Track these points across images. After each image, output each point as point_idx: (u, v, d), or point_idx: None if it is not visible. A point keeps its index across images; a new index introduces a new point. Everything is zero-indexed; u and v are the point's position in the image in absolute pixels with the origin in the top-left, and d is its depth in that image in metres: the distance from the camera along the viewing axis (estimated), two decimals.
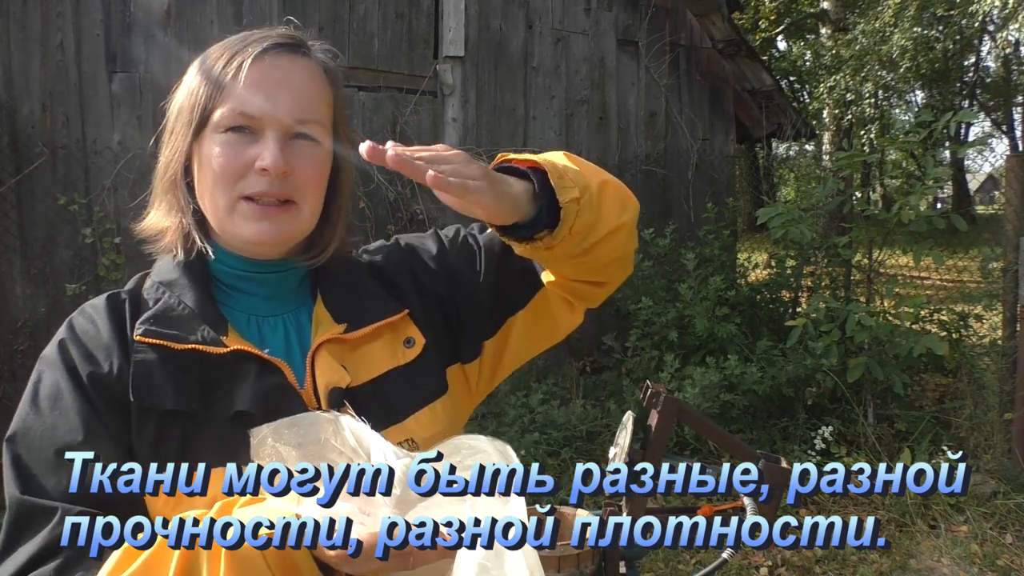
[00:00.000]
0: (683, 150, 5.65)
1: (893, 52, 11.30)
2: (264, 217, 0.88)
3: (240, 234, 0.89)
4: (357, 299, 0.98)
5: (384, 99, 4.78)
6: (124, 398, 0.84)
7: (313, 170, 0.90)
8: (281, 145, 0.86)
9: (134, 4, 4.22)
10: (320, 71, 0.92)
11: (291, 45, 0.90)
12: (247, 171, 0.86)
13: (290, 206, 0.89)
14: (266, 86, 0.86)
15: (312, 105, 0.89)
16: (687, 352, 4.63)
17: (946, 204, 19.87)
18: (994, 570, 3.33)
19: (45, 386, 0.85)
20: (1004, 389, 4.22)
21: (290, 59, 0.89)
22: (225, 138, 0.86)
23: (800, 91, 20.59)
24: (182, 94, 0.90)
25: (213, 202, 0.89)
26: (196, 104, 0.87)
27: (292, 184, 0.88)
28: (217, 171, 0.87)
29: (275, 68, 0.87)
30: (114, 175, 4.18)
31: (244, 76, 0.85)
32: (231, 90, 0.86)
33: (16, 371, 4.00)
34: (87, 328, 0.88)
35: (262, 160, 0.85)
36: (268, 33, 0.90)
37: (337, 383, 0.90)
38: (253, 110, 0.86)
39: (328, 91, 0.92)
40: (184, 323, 0.87)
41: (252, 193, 0.86)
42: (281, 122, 0.86)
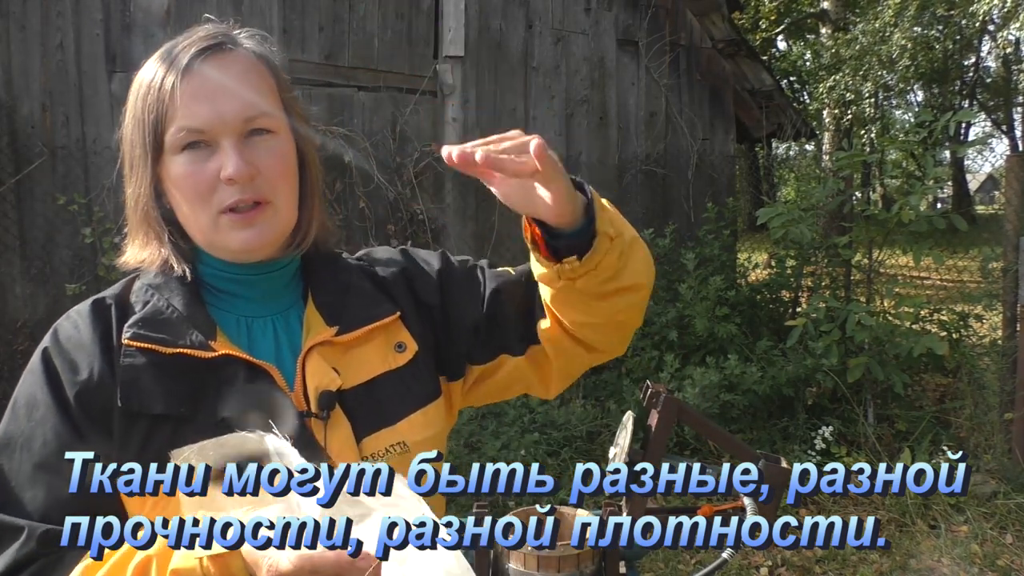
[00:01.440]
0: (683, 150, 5.65)
1: (893, 52, 11.30)
2: (247, 224, 0.87)
3: (227, 246, 0.89)
4: (348, 301, 0.97)
5: (384, 99, 4.78)
6: (107, 404, 0.83)
7: (278, 163, 0.89)
8: (239, 150, 0.85)
9: (134, 4, 4.22)
10: (253, 60, 0.90)
11: (216, 45, 0.88)
12: (216, 183, 0.86)
13: (266, 206, 0.88)
14: (205, 95, 0.85)
15: (256, 98, 0.88)
16: (687, 352, 4.63)
17: (946, 204, 19.87)
18: (994, 570, 3.33)
19: (24, 397, 0.86)
20: (1004, 389, 4.22)
21: (219, 60, 0.87)
22: (184, 158, 0.86)
23: (800, 91, 20.58)
24: (129, 125, 0.90)
25: (195, 222, 0.89)
26: (145, 131, 0.87)
27: (262, 183, 0.87)
28: (188, 192, 0.87)
29: (208, 74, 0.86)
30: (114, 175, 4.17)
31: (180, 92, 0.85)
32: (173, 109, 0.85)
33: (16, 371, 3.99)
34: (71, 334, 0.88)
35: (225, 170, 0.85)
36: (191, 39, 0.89)
37: (327, 386, 0.89)
38: (199, 123, 0.85)
39: (267, 78, 0.91)
40: (173, 327, 0.87)
41: (228, 205, 0.86)
42: (231, 126, 0.86)
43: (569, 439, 4.25)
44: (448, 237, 4.95)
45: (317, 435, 0.87)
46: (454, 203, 4.97)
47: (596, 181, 5.34)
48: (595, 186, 0.94)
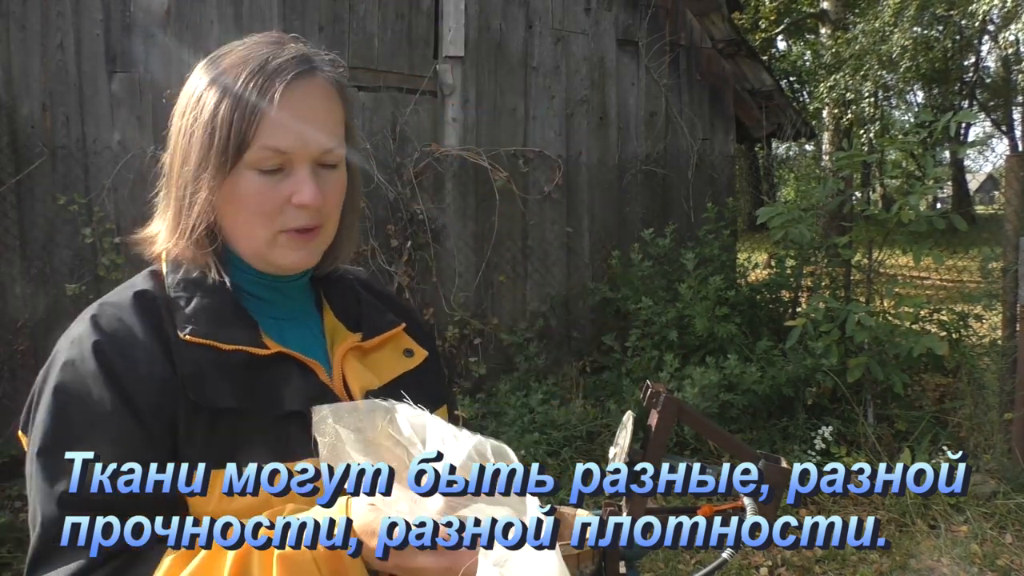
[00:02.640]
0: (683, 150, 5.65)
1: (893, 52, 11.30)
2: (302, 246, 0.91)
3: (279, 263, 0.92)
4: (363, 310, 1.04)
5: (384, 99, 4.78)
6: (170, 399, 0.83)
7: (338, 195, 0.94)
8: (316, 180, 0.88)
9: (134, 4, 4.22)
10: (334, 90, 0.92)
11: (308, 70, 0.89)
12: (283, 205, 0.88)
13: (319, 230, 0.92)
14: (296, 120, 0.86)
15: (334, 131, 0.90)
16: (687, 352, 4.63)
17: (946, 204, 19.88)
18: (994, 570, 3.33)
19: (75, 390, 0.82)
20: (1004, 389, 4.22)
21: (309, 84, 0.88)
22: (259, 175, 0.87)
23: (800, 91, 20.58)
24: (206, 124, 0.87)
25: (251, 235, 0.90)
26: (228, 140, 0.85)
27: (324, 212, 0.91)
28: (254, 208, 0.88)
29: (301, 99, 0.87)
30: (114, 175, 4.17)
31: (276, 112, 0.85)
32: (264, 126, 0.85)
33: (16, 371, 3.99)
34: (117, 327, 0.85)
35: (300, 196, 0.87)
36: (281, 56, 0.88)
37: (369, 385, 0.96)
38: (285, 146, 0.86)
39: (340, 109, 0.93)
40: (225, 323, 0.89)
41: (292, 228, 0.89)
42: (311, 154, 0.88)
43: (569, 439, 4.25)
44: (448, 237, 4.95)
45: None
46: (454, 203, 4.97)
47: (596, 181, 5.35)
48: (595, 186, 0.95)
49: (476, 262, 5.03)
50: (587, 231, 5.36)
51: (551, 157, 5.21)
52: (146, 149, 4.22)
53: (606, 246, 5.36)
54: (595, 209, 5.38)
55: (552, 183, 5.20)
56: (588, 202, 5.36)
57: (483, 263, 5.04)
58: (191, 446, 0.83)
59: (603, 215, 5.40)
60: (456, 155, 4.96)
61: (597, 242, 5.38)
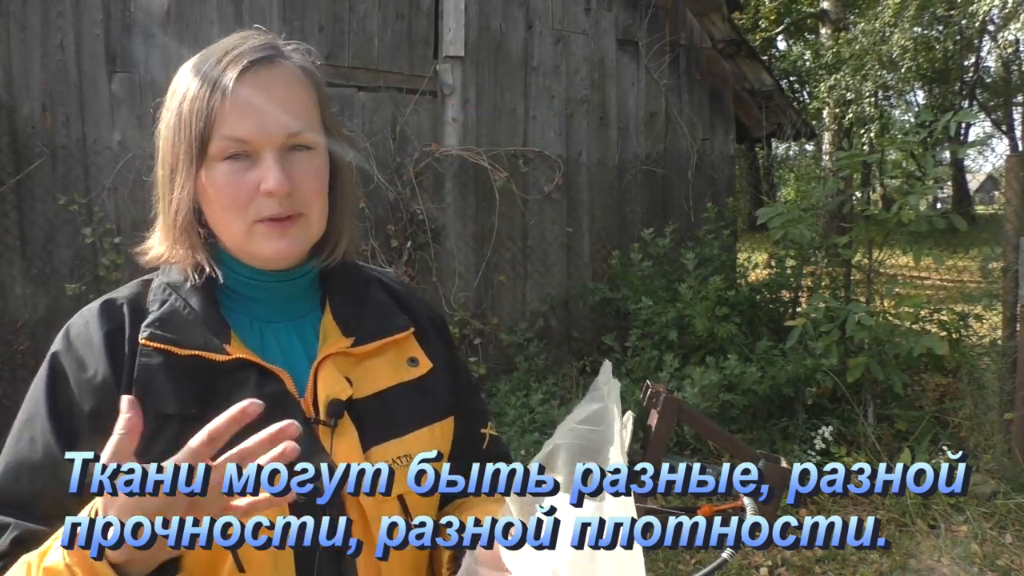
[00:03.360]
0: (683, 150, 5.65)
1: (893, 52, 11.31)
2: (281, 235, 0.89)
3: (260, 254, 0.90)
4: (365, 312, 0.99)
5: (384, 99, 4.78)
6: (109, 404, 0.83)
7: (315, 180, 0.90)
8: (280, 163, 0.86)
9: (134, 4, 4.22)
10: (300, 74, 0.91)
11: (265, 58, 0.88)
12: (254, 195, 0.87)
13: (298, 218, 0.90)
14: (252, 107, 0.86)
15: (300, 114, 0.89)
16: (687, 352, 4.63)
17: (946, 204, 19.88)
18: (994, 570, 3.33)
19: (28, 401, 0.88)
20: (1004, 389, 4.22)
21: (268, 72, 0.88)
22: (225, 167, 0.87)
23: (800, 91, 20.58)
24: (171, 127, 0.89)
25: (228, 229, 0.90)
26: (192, 137, 0.87)
27: (298, 198, 0.89)
28: (226, 200, 0.87)
29: (257, 86, 0.86)
30: (114, 175, 4.18)
31: (229, 103, 0.85)
32: (221, 118, 0.85)
33: (16, 371, 3.99)
34: (81, 331, 0.89)
35: (266, 183, 0.85)
36: (241, 47, 0.88)
37: (338, 395, 0.90)
38: (244, 134, 0.85)
39: (311, 93, 0.92)
40: (188, 328, 0.88)
41: (264, 216, 0.87)
42: (273, 140, 0.86)
43: None
44: (448, 237, 4.95)
45: (324, 442, 0.88)
46: (454, 203, 4.97)
47: (596, 181, 5.35)
48: (595, 186, 0.95)
49: (476, 262, 5.03)
50: (587, 231, 5.36)
51: (551, 157, 5.21)
52: (146, 149, 4.21)
53: (606, 246, 5.36)
54: (595, 209, 5.38)
55: (552, 183, 5.20)
56: (588, 202, 5.36)
57: (483, 263, 5.04)
58: None
59: (603, 215, 5.40)
60: (456, 155, 4.96)
61: (597, 242, 5.38)
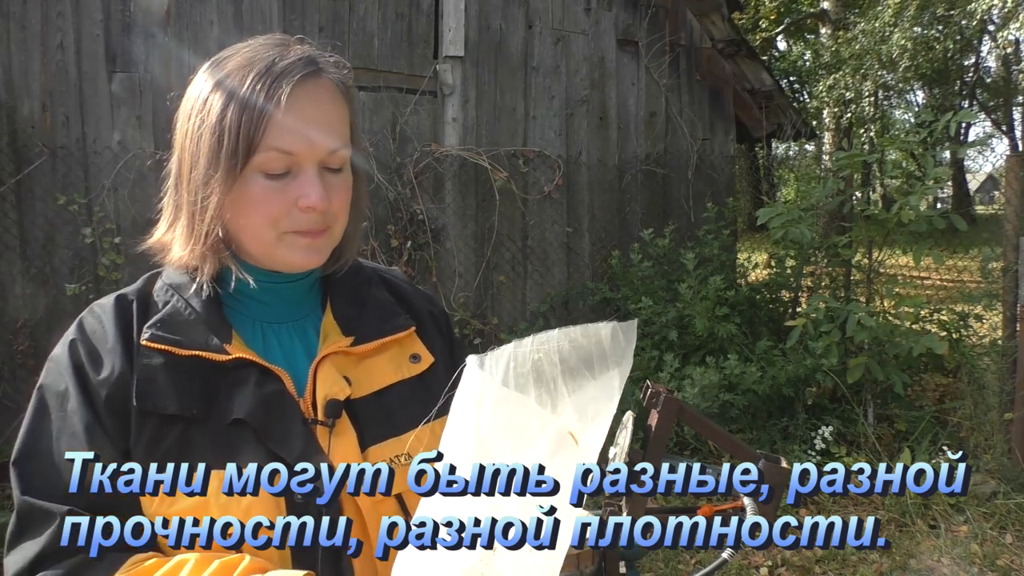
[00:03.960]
0: (683, 150, 5.65)
1: (893, 52, 11.30)
2: (310, 246, 0.90)
3: (286, 261, 0.91)
4: (366, 311, 0.99)
5: (384, 99, 4.78)
6: (125, 402, 0.85)
7: (345, 197, 0.93)
8: (322, 182, 0.88)
9: (134, 4, 4.22)
10: (339, 92, 0.91)
11: (314, 72, 0.88)
12: (291, 209, 0.87)
13: (327, 231, 0.91)
14: (303, 121, 0.86)
15: (339, 133, 0.90)
16: (687, 352, 4.63)
17: (946, 204, 19.88)
18: (994, 570, 3.33)
19: (53, 386, 0.87)
20: (1004, 389, 4.22)
21: (315, 86, 0.88)
22: (266, 181, 0.86)
23: (800, 91, 20.58)
24: (210, 120, 0.86)
25: (257, 237, 0.89)
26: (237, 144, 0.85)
27: (329, 214, 0.90)
28: (262, 211, 0.87)
29: (307, 101, 0.86)
30: (114, 175, 4.17)
31: (283, 115, 0.84)
32: (271, 129, 0.84)
33: (16, 371, 3.99)
34: (95, 328, 0.89)
35: (307, 199, 0.86)
36: (288, 58, 0.87)
37: (335, 395, 0.91)
38: (293, 147, 0.86)
39: (345, 110, 0.93)
40: (190, 328, 0.89)
41: (299, 230, 0.88)
42: (317, 156, 0.87)
43: None
44: (448, 237, 4.95)
45: (322, 442, 0.88)
46: (454, 203, 4.97)
47: (596, 181, 5.35)
48: (595, 186, 0.95)
49: (476, 262, 5.03)
50: (587, 231, 5.36)
51: (551, 157, 5.21)
52: (146, 149, 4.22)
53: (606, 246, 5.36)
54: (595, 209, 5.38)
55: (552, 183, 5.20)
56: (588, 202, 5.36)
57: (483, 263, 5.04)
58: (138, 448, 0.84)
59: (603, 215, 5.40)
60: (456, 155, 4.95)
61: (597, 242, 5.38)
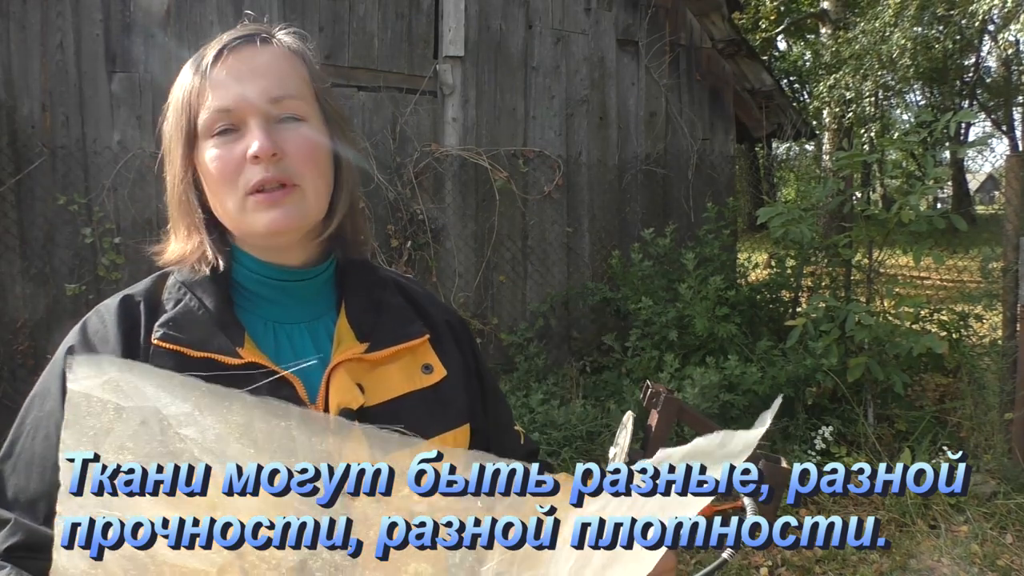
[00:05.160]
0: (683, 150, 5.65)
1: (893, 52, 11.30)
2: (273, 205, 0.87)
3: (254, 228, 0.89)
4: (381, 317, 0.97)
5: (384, 99, 4.78)
6: None
7: (305, 147, 0.89)
8: (266, 130, 0.86)
9: (134, 4, 4.22)
10: (286, 51, 0.91)
11: (250, 36, 0.90)
12: (242, 165, 0.86)
13: (293, 188, 0.88)
14: (234, 77, 0.87)
15: (285, 82, 0.89)
16: (687, 352, 4.63)
17: (946, 204, 19.86)
18: (994, 570, 3.33)
19: (39, 387, 0.87)
20: (1004, 389, 4.22)
21: (250, 48, 0.89)
22: (214, 142, 0.87)
23: (800, 91, 20.58)
24: (170, 118, 0.92)
25: (223, 206, 0.89)
26: (181, 119, 0.89)
27: (288, 166, 0.87)
28: (216, 174, 0.87)
29: (239, 60, 0.88)
30: (114, 175, 4.17)
31: (211, 75, 0.87)
32: (204, 94, 0.87)
33: (16, 371, 3.99)
34: (98, 328, 0.89)
35: (251, 148, 0.85)
36: (229, 34, 0.91)
37: (349, 404, 0.89)
38: (227, 102, 0.86)
39: (300, 67, 0.92)
40: (202, 329, 0.88)
41: (253, 185, 0.86)
42: (258, 107, 0.87)
43: (569, 439, 4.24)
44: (448, 237, 4.95)
45: None
46: (454, 203, 4.97)
47: (596, 181, 5.35)
48: (595, 186, 0.94)
49: (476, 262, 5.03)
50: (587, 231, 5.36)
51: (551, 157, 5.21)
52: (146, 149, 4.22)
53: (606, 246, 5.36)
54: (595, 209, 5.38)
55: (552, 183, 5.20)
56: (588, 202, 5.36)
57: (483, 263, 5.04)
58: None
59: (603, 215, 5.40)
60: (456, 155, 4.95)
61: (597, 242, 5.38)
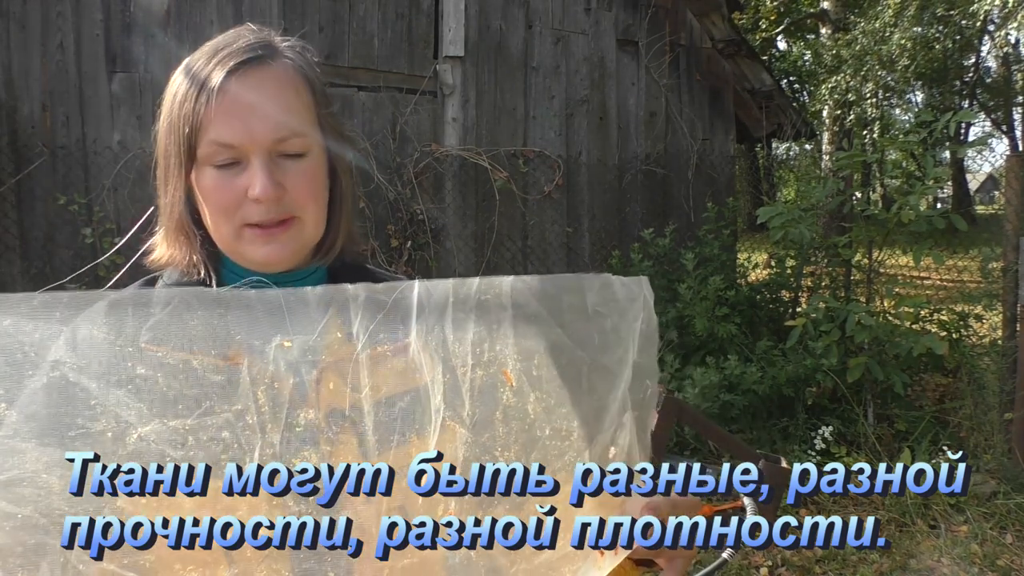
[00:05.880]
0: (683, 150, 5.65)
1: (893, 52, 11.30)
2: (270, 240, 0.87)
3: (250, 258, 0.89)
4: None
5: (384, 99, 4.78)
6: None
7: (306, 184, 0.88)
8: (268, 169, 0.85)
9: (134, 4, 4.22)
10: (292, 73, 0.89)
11: (256, 57, 0.87)
12: (242, 200, 0.86)
13: (292, 221, 0.88)
14: (237, 112, 0.84)
15: (290, 118, 0.87)
16: (687, 352, 4.63)
17: (946, 204, 19.86)
18: (994, 570, 3.33)
19: None
20: (1004, 389, 4.22)
21: (258, 73, 0.86)
22: (214, 171, 0.86)
23: (800, 91, 20.58)
24: (163, 130, 0.89)
25: (218, 231, 0.89)
26: (180, 140, 0.87)
27: (289, 203, 0.87)
28: (214, 205, 0.87)
29: (245, 88, 0.85)
30: (114, 175, 4.18)
31: (216, 106, 0.84)
32: (207, 122, 0.84)
33: None
34: None
35: (252, 190, 0.84)
36: (232, 46, 0.87)
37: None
38: (231, 139, 0.84)
39: (304, 93, 0.90)
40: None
41: (252, 222, 0.86)
42: (260, 145, 0.85)
43: None
44: (448, 237, 4.95)
45: None
46: (454, 203, 4.97)
47: (596, 181, 5.35)
48: (595, 186, 0.94)
49: (476, 262, 5.03)
50: (587, 231, 5.36)
51: (551, 157, 5.21)
52: (146, 149, 4.22)
53: (606, 246, 5.36)
54: (595, 209, 5.38)
55: (552, 183, 5.20)
56: (588, 202, 5.36)
57: (483, 263, 5.04)
58: None
59: (603, 215, 5.40)
60: (456, 155, 4.95)
61: (597, 242, 5.38)
